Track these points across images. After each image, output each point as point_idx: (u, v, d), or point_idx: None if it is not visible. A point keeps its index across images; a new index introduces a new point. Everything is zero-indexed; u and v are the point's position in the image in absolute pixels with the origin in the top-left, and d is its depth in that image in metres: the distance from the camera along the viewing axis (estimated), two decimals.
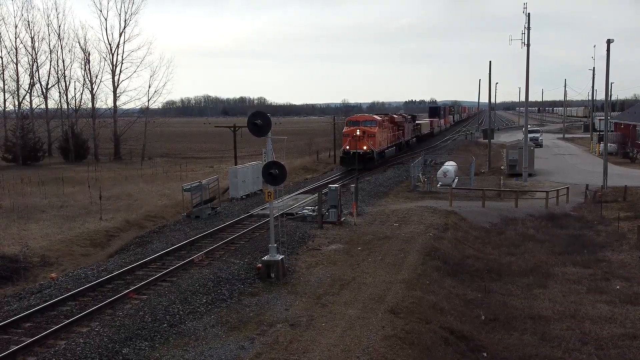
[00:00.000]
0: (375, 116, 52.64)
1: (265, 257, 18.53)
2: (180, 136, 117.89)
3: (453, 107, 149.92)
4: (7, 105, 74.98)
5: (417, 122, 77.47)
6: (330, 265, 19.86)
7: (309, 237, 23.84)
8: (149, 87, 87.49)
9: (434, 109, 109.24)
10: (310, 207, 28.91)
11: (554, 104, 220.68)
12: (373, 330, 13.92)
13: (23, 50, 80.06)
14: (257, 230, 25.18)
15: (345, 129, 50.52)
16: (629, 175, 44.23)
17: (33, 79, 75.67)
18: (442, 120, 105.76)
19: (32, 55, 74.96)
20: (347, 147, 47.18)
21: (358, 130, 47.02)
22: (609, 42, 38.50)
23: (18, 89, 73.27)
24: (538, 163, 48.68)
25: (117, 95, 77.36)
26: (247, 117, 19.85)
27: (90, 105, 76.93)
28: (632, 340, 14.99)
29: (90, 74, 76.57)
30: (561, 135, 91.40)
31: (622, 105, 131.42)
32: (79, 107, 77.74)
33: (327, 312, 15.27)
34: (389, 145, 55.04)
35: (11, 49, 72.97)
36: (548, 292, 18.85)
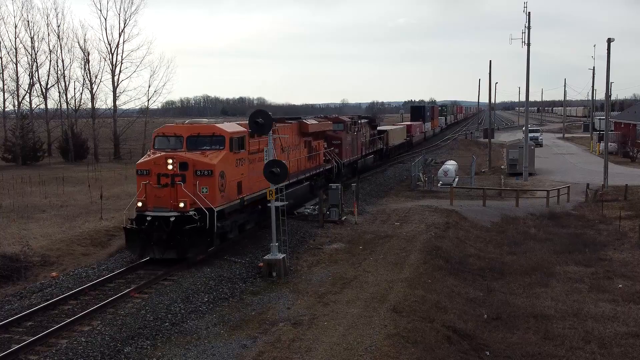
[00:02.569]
0: (222, 126, 21.15)
1: (267, 256, 18.50)
2: None
3: (445, 107, 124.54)
4: (6, 105, 74.86)
5: (380, 128, 51.90)
6: (331, 264, 19.83)
7: (310, 236, 23.82)
8: (149, 87, 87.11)
9: (417, 110, 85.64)
10: (311, 206, 28.87)
11: (553, 103, 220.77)
12: (376, 329, 13.88)
13: (23, 50, 79.86)
14: (258, 228, 25.11)
15: (144, 158, 20.37)
16: (630, 174, 44.21)
17: (33, 79, 75.51)
18: (427, 124, 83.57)
19: (31, 55, 74.80)
20: (140, 205, 19.19)
21: (171, 161, 19.05)
22: (609, 41, 38.48)
23: (18, 89, 73.14)
24: (538, 162, 48.68)
25: (117, 95, 77.24)
26: (247, 116, 19.94)
27: (90, 105, 76.77)
28: (635, 339, 14.97)
29: (90, 74, 76.37)
30: (561, 135, 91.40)
31: (622, 105, 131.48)
32: (79, 107, 77.61)
33: (329, 310, 15.24)
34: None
35: (11, 49, 72.80)
36: (550, 290, 18.83)
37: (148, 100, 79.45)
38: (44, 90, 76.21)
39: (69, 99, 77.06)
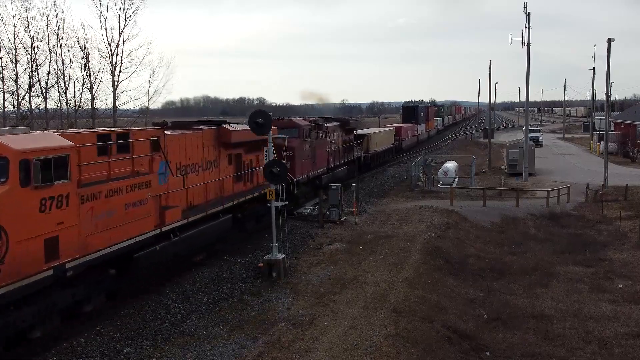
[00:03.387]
0: (6, 140, 11.71)
1: (267, 256, 18.47)
2: None
3: (442, 107, 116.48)
4: (6, 106, 74.72)
5: (358, 132, 44.23)
6: (331, 264, 19.80)
7: (310, 236, 23.78)
8: (149, 87, 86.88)
9: (410, 110, 77.09)
10: (311, 207, 28.86)
11: (553, 103, 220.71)
12: (375, 329, 13.86)
13: (22, 50, 79.86)
14: (257, 229, 25.08)
15: None
16: (630, 174, 44.19)
17: (32, 79, 75.34)
18: (421, 126, 75.84)
19: (31, 55, 74.66)
20: None
21: None
22: (609, 41, 38.50)
23: (17, 89, 73.03)
24: (538, 162, 48.68)
25: (117, 95, 77.05)
26: (247, 116, 19.84)
27: (89, 105, 76.60)
28: (635, 339, 14.96)
29: (89, 74, 76.15)
30: (561, 135, 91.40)
31: (622, 105, 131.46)
32: (79, 107, 77.48)
33: (329, 311, 15.21)
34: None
35: (10, 49, 72.71)
36: (550, 291, 18.83)
37: (148, 100, 79.04)
38: (43, 91, 76.09)
39: (68, 99, 76.81)
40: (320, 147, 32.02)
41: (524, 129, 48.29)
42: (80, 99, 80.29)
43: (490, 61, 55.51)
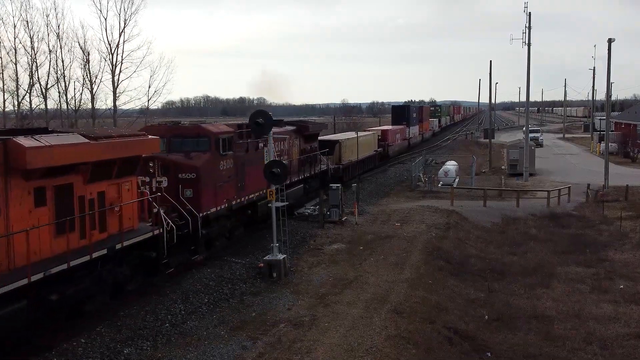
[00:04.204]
0: None
1: (267, 257, 18.44)
2: None
3: (439, 107, 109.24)
4: (6, 106, 74.65)
5: (325, 138, 38.11)
6: (332, 265, 19.77)
7: (310, 236, 23.76)
8: (149, 87, 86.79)
9: (400, 110, 69.53)
10: (311, 207, 28.84)
11: (553, 104, 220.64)
12: (376, 330, 13.84)
13: (22, 50, 79.79)
14: (258, 229, 25.04)
15: None
16: (630, 174, 44.14)
17: (32, 79, 75.28)
18: (413, 128, 69.03)
19: (31, 55, 74.56)
20: None
21: None
22: (610, 41, 38.44)
23: (17, 89, 72.97)
24: (539, 163, 48.63)
25: (117, 95, 76.95)
26: (248, 117, 19.78)
27: (90, 105, 76.51)
28: (637, 340, 14.93)
29: (90, 74, 76.08)
30: (561, 135, 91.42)
31: (622, 105, 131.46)
32: (79, 107, 77.40)
33: (330, 312, 15.18)
34: None
35: (10, 49, 72.63)
36: (551, 291, 18.79)
37: (148, 100, 78.95)
38: (43, 91, 75.94)
39: (69, 99, 76.75)
40: (255, 162, 22.65)
41: (524, 129, 48.27)
42: (80, 99, 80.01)
43: (491, 61, 55.43)
